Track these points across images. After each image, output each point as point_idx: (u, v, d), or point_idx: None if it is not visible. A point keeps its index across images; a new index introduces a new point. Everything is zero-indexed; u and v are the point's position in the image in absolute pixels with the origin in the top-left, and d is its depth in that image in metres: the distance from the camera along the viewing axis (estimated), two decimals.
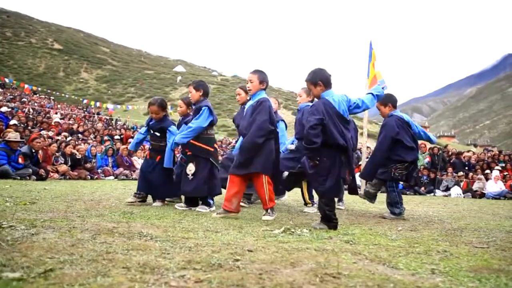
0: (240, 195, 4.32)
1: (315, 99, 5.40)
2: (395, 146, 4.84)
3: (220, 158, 6.49)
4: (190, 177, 4.74)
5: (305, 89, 5.45)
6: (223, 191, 5.43)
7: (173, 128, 5.16)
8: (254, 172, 4.12)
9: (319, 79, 3.76)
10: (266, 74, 4.32)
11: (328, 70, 3.87)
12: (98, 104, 35.61)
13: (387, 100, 5.04)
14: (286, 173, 5.28)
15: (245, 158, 4.07)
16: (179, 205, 4.92)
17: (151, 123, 5.31)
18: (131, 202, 4.99)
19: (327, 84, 3.78)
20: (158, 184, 5.12)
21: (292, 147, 5.39)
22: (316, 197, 4.90)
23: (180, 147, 5.19)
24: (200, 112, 4.74)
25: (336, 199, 5.70)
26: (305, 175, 4.68)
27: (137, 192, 5.12)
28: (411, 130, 5.01)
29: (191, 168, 4.76)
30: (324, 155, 3.65)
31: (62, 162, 10.45)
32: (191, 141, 4.78)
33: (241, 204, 5.51)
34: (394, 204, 4.93)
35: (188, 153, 4.86)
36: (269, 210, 4.22)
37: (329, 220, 3.67)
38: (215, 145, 4.99)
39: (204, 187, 4.75)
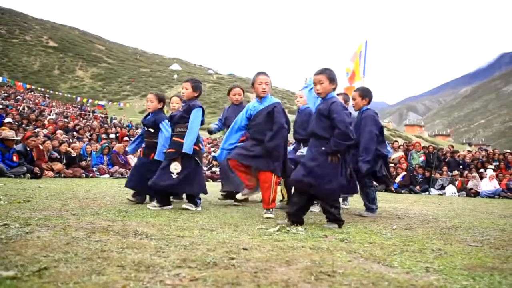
0: (251, 175, 4.35)
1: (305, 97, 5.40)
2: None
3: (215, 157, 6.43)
4: (174, 175, 4.58)
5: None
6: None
7: (164, 123, 5.05)
8: (266, 170, 4.18)
9: (336, 79, 3.81)
10: None
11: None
12: (90, 101, 35.50)
13: (367, 94, 5.01)
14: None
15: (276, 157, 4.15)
16: (151, 205, 4.68)
17: (145, 119, 5.26)
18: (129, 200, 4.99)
19: (336, 86, 3.86)
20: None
21: (304, 152, 5.27)
22: None
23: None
24: (194, 114, 4.66)
25: (341, 199, 5.71)
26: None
27: (133, 196, 5.07)
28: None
29: (176, 167, 4.60)
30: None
31: (58, 157, 10.41)
32: (177, 138, 4.68)
33: (236, 204, 5.51)
34: (372, 200, 4.94)
35: (170, 150, 4.67)
36: (270, 209, 4.26)
37: (338, 220, 3.69)
38: (200, 145, 4.95)
39: (187, 184, 4.62)
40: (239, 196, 4.32)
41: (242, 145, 4.40)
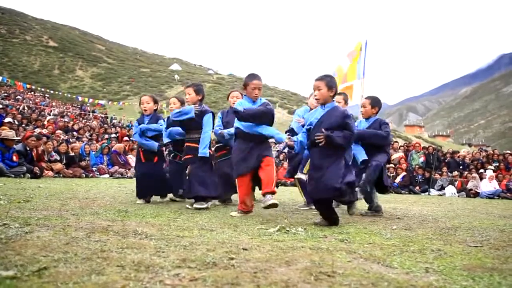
0: (251, 194, 4.53)
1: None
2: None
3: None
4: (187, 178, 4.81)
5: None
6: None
7: (162, 121, 5.30)
8: (266, 157, 4.28)
9: (335, 87, 3.87)
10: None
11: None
12: (91, 100, 35.49)
13: (377, 103, 5.16)
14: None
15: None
16: (198, 204, 4.72)
17: (145, 123, 5.33)
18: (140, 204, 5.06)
19: (335, 94, 3.94)
20: (160, 183, 5.22)
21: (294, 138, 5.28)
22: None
23: (170, 145, 5.39)
24: (206, 119, 4.81)
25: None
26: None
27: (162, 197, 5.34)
28: None
29: (188, 171, 4.83)
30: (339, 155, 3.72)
31: (58, 159, 10.41)
32: (190, 144, 4.83)
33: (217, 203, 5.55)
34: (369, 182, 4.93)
35: (187, 156, 4.86)
36: (273, 194, 4.25)
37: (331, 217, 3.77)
38: (213, 148, 5.10)
39: (201, 187, 4.70)
40: (233, 213, 4.36)
41: (239, 159, 4.39)
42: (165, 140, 5.26)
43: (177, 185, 5.46)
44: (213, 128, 5.00)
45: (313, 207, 5.30)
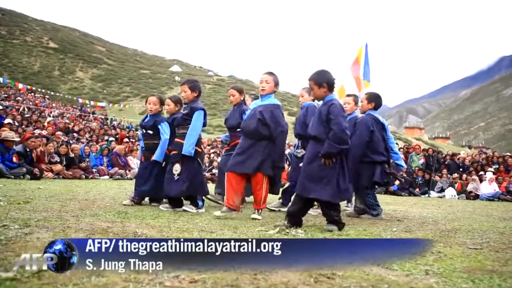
0: (241, 193, 4.37)
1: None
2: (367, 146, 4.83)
3: (216, 158, 6.43)
4: (175, 177, 4.62)
5: (306, 88, 5.41)
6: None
7: (164, 125, 5.06)
8: (257, 174, 4.20)
9: (325, 81, 3.75)
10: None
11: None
12: (92, 103, 35.47)
13: (373, 99, 5.07)
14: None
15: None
16: (163, 206, 4.78)
17: (144, 121, 5.28)
18: (127, 205, 4.95)
19: (331, 87, 3.78)
20: (156, 185, 5.05)
21: (301, 153, 5.13)
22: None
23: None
24: (196, 115, 4.68)
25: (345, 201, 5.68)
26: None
27: (135, 196, 5.07)
28: (384, 133, 5.04)
29: (177, 168, 4.64)
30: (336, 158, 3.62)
31: (58, 161, 10.40)
32: (179, 140, 4.70)
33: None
34: (371, 207, 4.92)
35: (173, 152, 4.74)
36: (260, 210, 4.28)
37: (338, 222, 3.65)
38: (202, 147, 4.98)
39: (194, 187, 4.66)
40: (217, 213, 4.25)
41: (233, 153, 4.40)
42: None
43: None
44: (204, 126, 4.90)
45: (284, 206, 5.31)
